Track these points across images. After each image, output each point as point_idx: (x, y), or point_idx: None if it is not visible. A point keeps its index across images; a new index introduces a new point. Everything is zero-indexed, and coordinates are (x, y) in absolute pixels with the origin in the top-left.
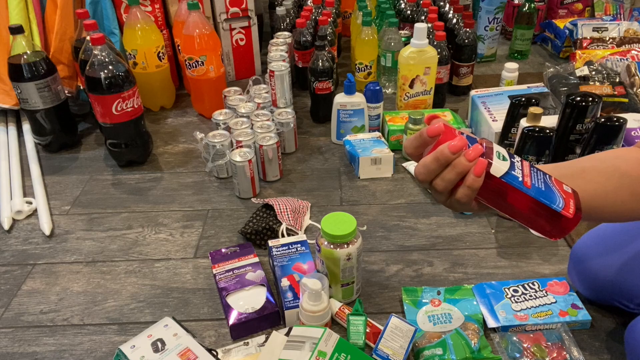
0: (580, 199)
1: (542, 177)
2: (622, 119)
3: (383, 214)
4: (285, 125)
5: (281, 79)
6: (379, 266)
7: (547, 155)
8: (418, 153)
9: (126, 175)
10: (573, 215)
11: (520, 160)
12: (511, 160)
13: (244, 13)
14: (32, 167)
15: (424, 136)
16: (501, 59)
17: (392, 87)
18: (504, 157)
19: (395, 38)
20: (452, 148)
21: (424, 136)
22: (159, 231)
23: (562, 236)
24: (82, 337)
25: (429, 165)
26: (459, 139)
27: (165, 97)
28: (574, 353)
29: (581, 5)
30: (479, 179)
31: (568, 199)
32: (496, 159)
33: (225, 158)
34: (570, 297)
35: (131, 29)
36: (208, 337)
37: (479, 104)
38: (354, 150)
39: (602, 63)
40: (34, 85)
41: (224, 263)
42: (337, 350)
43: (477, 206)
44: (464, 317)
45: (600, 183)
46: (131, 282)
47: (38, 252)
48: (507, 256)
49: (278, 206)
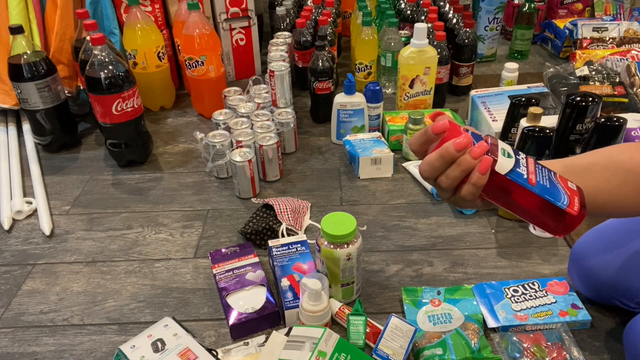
0: (585, 195)
1: (547, 174)
2: (622, 119)
3: (383, 214)
4: (285, 125)
5: (281, 79)
6: (379, 266)
7: (547, 156)
8: (423, 150)
9: (126, 175)
10: (577, 212)
11: (525, 157)
12: (516, 158)
13: (244, 13)
14: (32, 167)
15: (429, 133)
16: (501, 59)
17: (392, 87)
18: (509, 155)
19: (395, 38)
20: (457, 145)
21: (429, 133)
22: (159, 231)
23: (566, 233)
24: (82, 337)
25: (433, 163)
26: (464, 136)
27: (165, 97)
28: (574, 353)
29: (581, 5)
30: (484, 176)
31: (573, 196)
32: (501, 156)
33: (225, 158)
34: (570, 297)
35: (131, 29)
36: (208, 337)
37: (479, 104)
38: (354, 150)
39: (602, 63)
40: (34, 85)
41: (224, 263)
42: (337, 350)
43: (481, 203)
44: (464, 317)
45: (605, 179)
46: (131, 282)
47: (38, 252)
48: (507, 256)
49: (278, 206)
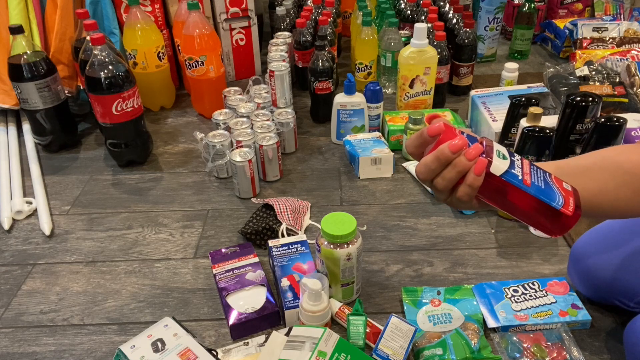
0: (583, 197)
1: (542, 175)
2: (622, 119)
3: (383, 214)
4: (285, 125)
5: (281, 79)
6: (379, 266)
7: (547, 155)
8: (419, 152)
9: (126, 175)
10: (572, 212)
11: (521, 158)
12: (511, 159)
13: (244, 13)
14: (32, 167)
15: (424, 136)
16: (501, 59)
17: (392, 87)
18: (504, 156)
19: (395, 38)
20: (453, 147)
21: (425, 136)
22: (159, 231)
23: (562, 233)
24: (82, 337)
25: (429, 165)
26: (460, 138)
27: (165, 97)
28: (574, 353)
29: (581, 5)
30: (479, 177)
31: (568, 197)
32: (496, 157)
33: (225, 158)
34: (570, 297)
35: (131, 29)
36: (208, 337)
37: (479, 104)
38: (354, 150)
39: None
40: (34, 85)
41: (224, 263)
42: (337, 350)
43: (478, 204)
44: (464, 317)
45: (602, 180)
46: (131, 282)
47: (38, 252)
48: (507, 256)
49: (278, 206)
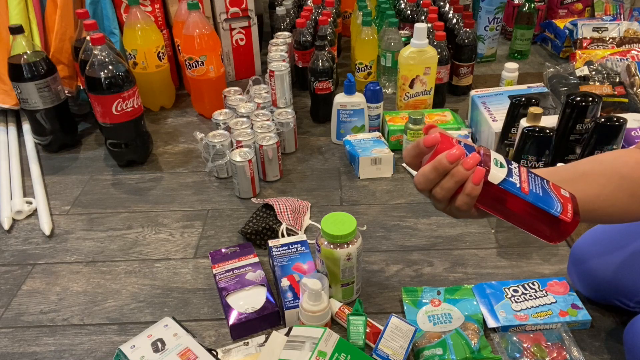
0: (581, 202)
1: (539, 182)
2: (622, 119)
3: (383, 214)
4: (285, 125)
5: (281, 79)
6: (379, 266)
7: (547, 156)
8: (416, 162)
9: (126, 175)
10: (571, 219)
11: (518, 166)
12: (509, 167)
13: (244, 13)
14: (32, 167)
15: (420, 146)
16: (501, 59)
17: (392, 87)
18: (502, 164)
19: (395, 38)
20: (450, 157)
21: (421, 146)
22: (159, 231)
23: (561, 240)
24: (82, 337)
25: (427, 175)
26: (457, 148)
27: (165, 97)
28: (574, 353)
29: (581, 5)
30: (477, 186)
31: (566, 204)
32: (494, 166)
33: (225, 158)
34: (570, 297)
35: (131, 29)
36: (208, 337)
37: (479, 104)
38: (354, 150)
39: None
40: (34, 85)
41: (224, 263)
42: (337, 350)
43: (476, 213)
44: (464, 317)
45: (600, 186)
46: (131, 282)
47: (38, 252)
48: (507, 256)
49: (278, 206)
